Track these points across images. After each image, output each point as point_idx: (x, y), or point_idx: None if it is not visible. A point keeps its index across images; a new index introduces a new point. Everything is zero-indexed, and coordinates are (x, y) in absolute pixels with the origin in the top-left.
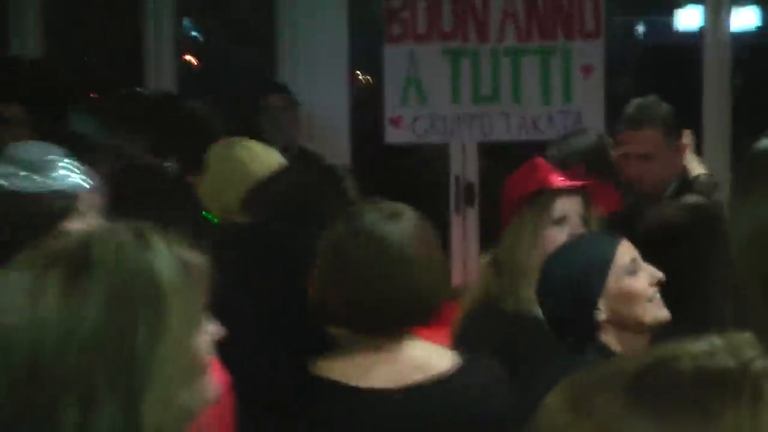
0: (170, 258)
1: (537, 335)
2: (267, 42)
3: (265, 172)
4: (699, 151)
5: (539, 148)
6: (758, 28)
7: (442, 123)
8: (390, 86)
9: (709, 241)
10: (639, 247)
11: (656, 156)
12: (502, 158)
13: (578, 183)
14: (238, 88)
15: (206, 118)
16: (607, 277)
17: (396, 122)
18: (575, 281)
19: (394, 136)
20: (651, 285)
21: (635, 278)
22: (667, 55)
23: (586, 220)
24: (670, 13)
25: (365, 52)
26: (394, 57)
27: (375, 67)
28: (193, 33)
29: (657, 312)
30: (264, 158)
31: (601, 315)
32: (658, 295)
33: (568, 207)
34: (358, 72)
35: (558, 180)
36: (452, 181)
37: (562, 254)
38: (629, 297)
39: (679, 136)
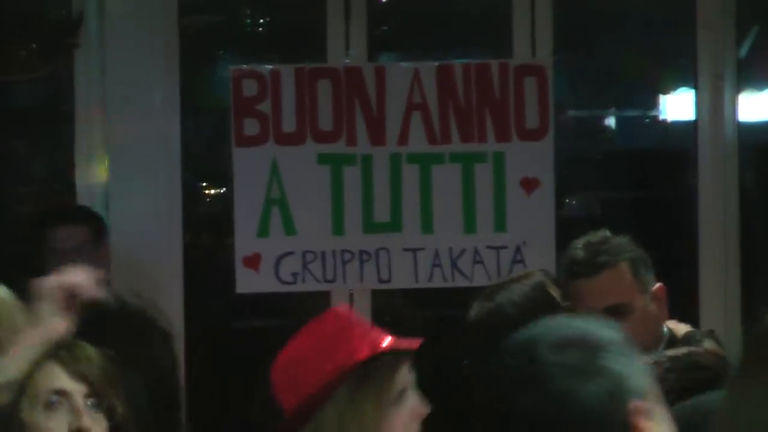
0: None
1: None
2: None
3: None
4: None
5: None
6: None
7: (320, 263)
8: (242, 209)
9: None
10: None
11: (629, 308)
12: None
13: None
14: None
15: None
16: None
17: (252, 263)
18: None
19: (249, 283)
20: None
21: None
22: (648, 159)
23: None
24: (651, 102)
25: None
26: (248, 165)
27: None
28: None
29: None
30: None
31: None
32: None
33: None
34: (205, 185)
35: (392, 340)
36: None
37: None
38: None
39: (651, 278)
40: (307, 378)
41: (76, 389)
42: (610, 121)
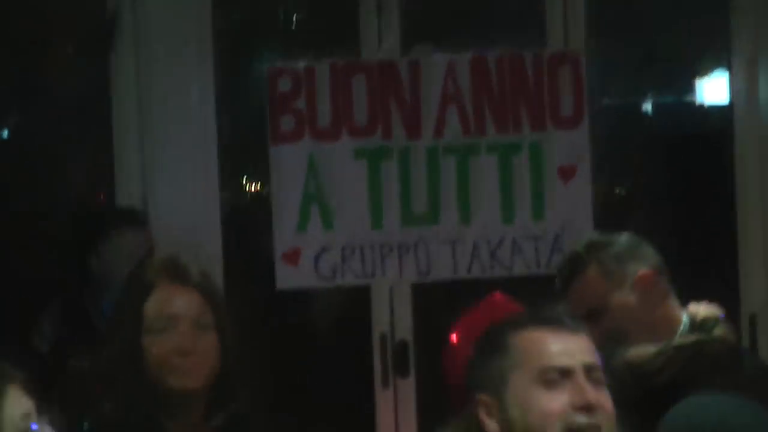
0: None
1: None
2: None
3: None
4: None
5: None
6: None
7: (359, 257)
8: (281, 206)
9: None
10: None
11: (602, 310)
12: (447, 306)
13: None
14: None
15: None
16: None
17: (291, 258)
18: None
19: (288, 278)
20: None
21: None
22: (685, 144)
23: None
24: (686, 87)
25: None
26: (285, 161)
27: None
28: None
29: None
30: None
31: None
32: None
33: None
34: (245, 177)
35: None
36: (376, 341)
37: None
38: None
39: (633, 268)
40: (459, 361)
41: None
42: (646, 107)
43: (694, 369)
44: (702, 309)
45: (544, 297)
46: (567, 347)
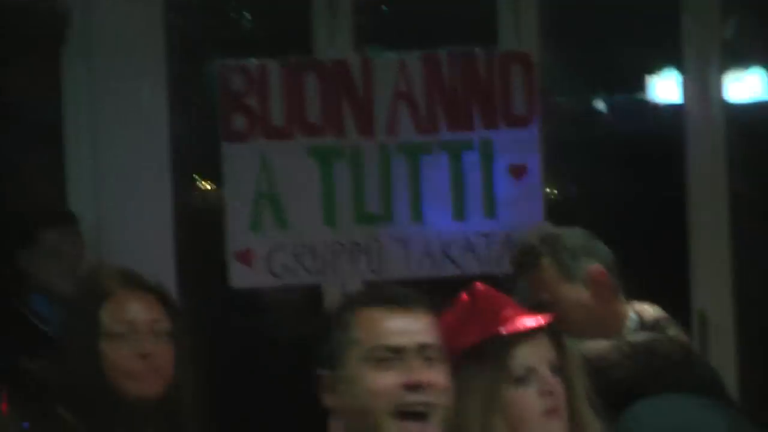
0: None
1: None
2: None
3: None
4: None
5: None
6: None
7: (312, 256)
8: (233, 205)
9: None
10: None
11: (553, 301)
12: None
13: (543, 320)
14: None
15: None
16: None
17: (244, 257)
18: None
19: (242, 277)
20: None
21: None
22: (637, 143)
23: (559, 369)
24: (638, 86)
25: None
26: (237, 160)
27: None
28: None
29: None
30: None
31: None
32: None
33: (532, 356)
34: (196, 176)
35: (512, 318)
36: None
37: None
38: None
39: (586, 264)
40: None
41: None
42: (598, 106)
43: (649, 368)
44: (647, 308)
45: None
46: (401, 326)
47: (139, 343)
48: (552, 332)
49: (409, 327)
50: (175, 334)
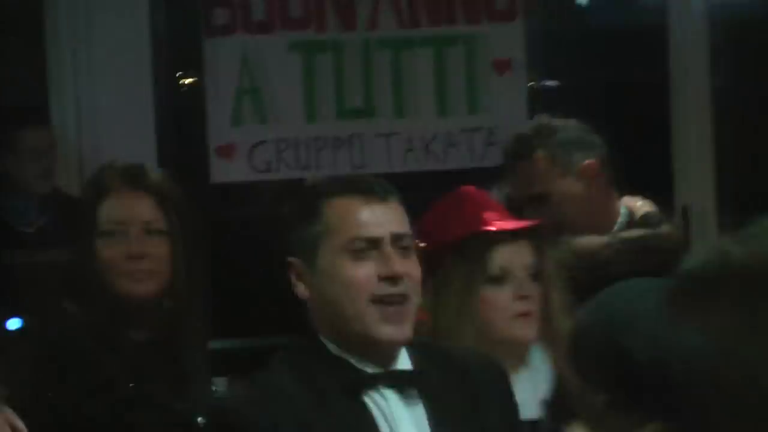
0: None
1: None
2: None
3: None
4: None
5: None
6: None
7: (293, 151)
8: (214, 100)
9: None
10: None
11: (547, 194)
12: None
13: (524, 223)
14: None
15: None
16: None
17: (225, 152)
18: None
19: (223, 172)
20: None
21: None
22: (620, 37)
23: (536, 275)
24: None
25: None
26: (218, 55)
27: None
28: None
29: None
30: None
31: None
32: None
33: (509, 258)
34: (180, 74)
35: (495, 220)
36: None
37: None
38: None
39: (580, 157)
40: (432, 245)
41: None
42: (582, 1)
43: (643, 263)
44: (638, 203)
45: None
46: (376, 217)
47: (130, 242)
48: (534, 238)
49: (384, 217)
50: (172, 232)
